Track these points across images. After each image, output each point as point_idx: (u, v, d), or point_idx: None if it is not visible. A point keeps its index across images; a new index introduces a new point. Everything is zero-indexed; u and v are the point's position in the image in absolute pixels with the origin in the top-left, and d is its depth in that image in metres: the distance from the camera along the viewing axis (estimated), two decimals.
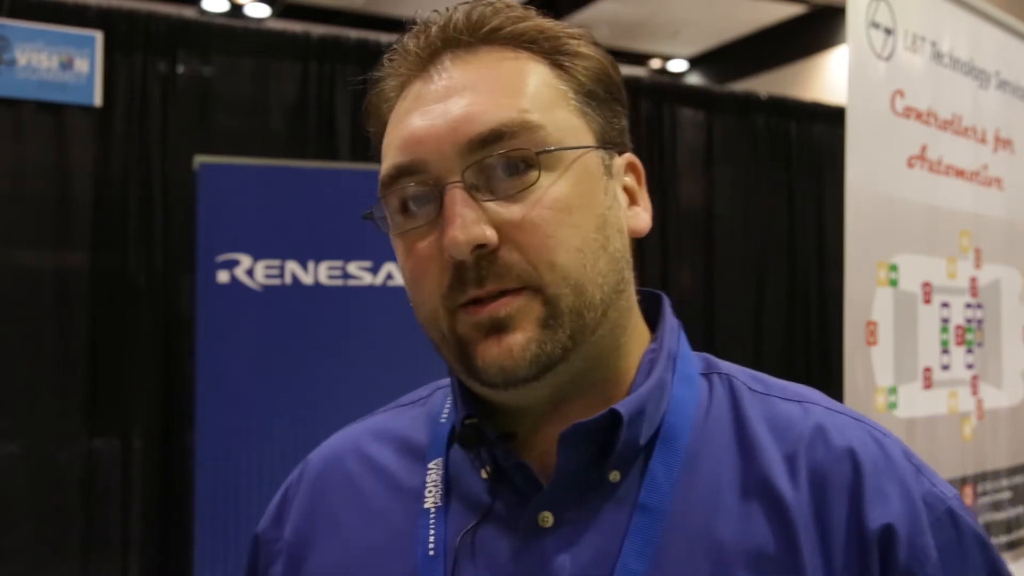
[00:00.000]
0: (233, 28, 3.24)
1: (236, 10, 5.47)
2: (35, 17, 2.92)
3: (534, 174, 0.76)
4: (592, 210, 0.78)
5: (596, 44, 0.84)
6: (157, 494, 3.10)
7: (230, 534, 2.66)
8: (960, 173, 2.89)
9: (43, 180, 3.02)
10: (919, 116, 2.70)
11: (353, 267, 2.74)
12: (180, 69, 3.12)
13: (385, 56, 0.83)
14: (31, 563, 3.04)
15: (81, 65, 2.93)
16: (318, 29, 3.23)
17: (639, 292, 0.85)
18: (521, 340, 0.75)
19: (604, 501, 0.78)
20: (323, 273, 2.72)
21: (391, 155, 0.80)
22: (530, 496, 0.78)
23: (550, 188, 0.76)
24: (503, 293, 0.75)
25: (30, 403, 3.05)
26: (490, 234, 0.75)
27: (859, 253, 2.48)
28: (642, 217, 0.83)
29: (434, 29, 0.82)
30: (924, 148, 2.71)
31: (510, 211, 0.76)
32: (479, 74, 0.80)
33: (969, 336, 2.97)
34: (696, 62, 7.51)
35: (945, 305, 2.87)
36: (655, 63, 7.20)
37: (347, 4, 4.55)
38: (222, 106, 3.16)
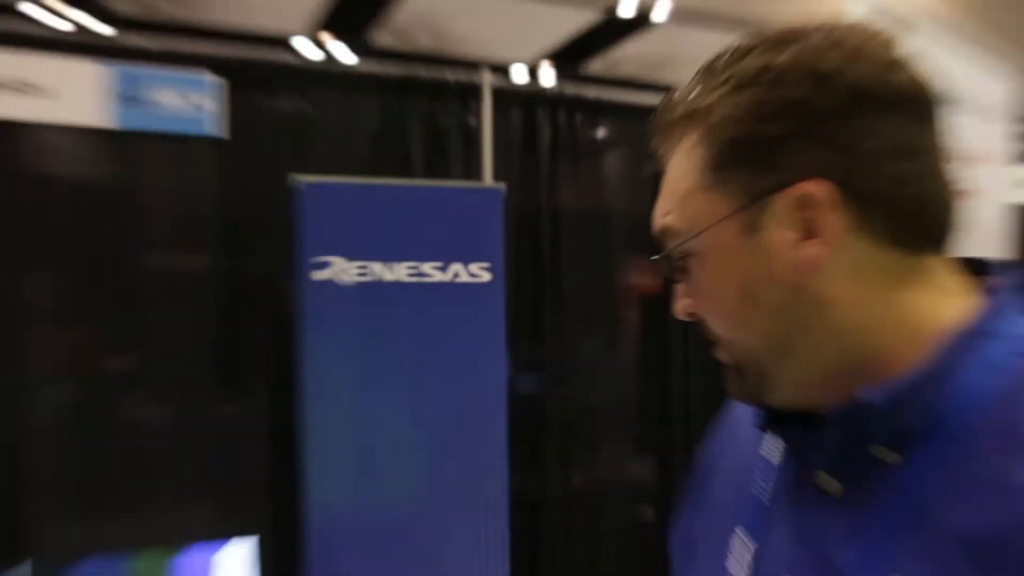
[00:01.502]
0: (326, 70, 3.24)
1: (328, 57, 5.49)
2: (167, 64, 2.91)
3: (682, 269, 0.75)
4: (729, 279, 0.73)
5: (740, 88, 0.70)
6: (275, 448, 3.09)
7: (333, 478, 2.67)
8: None
9: (176, 197, 3.05)
10: None
11: (426, 267, 2.74)
12: (283, 105, 3.14)
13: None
14: (184, 500, 3.07)
15: (206, 104, 2.87)
16: (395, 69, 3.23)
17: (976, 264, 0.75)
18: (729, 383, 0.78)
19: (876, 477, 0.70)
20: (402, 271, 2.73)
21: None
22: (811, 465, 0.76)
23: (695, 278, 0.75)
24: (716, 343, 0.78)
25: (177, 376, 3.08)
26: (689, 305, 0.77)
27: None
28: (809, 254, 0.69)
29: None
30: None
31: (690, 292, 0.77)
32: (666, 173, 0.78)
33: None
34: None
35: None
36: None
37: (417, 47, 4.56)
38: (317, 135, 3.17)
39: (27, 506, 2.84)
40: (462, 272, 2.71)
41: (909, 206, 0.69)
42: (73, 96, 2.70)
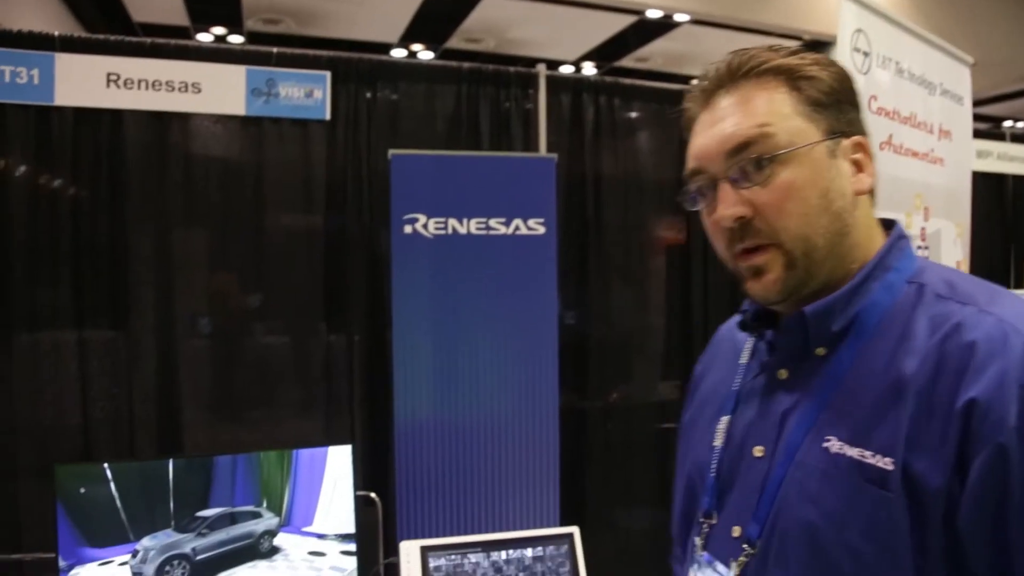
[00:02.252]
0: (411, 64, 3.34)
1: (412, 55, 5.54)
2: (290, 65, 3.01)
3: (771, 169, 0.80)
4: (815, 185, 0.81)
5: (827, 65, 0.85)
6: (370, 371, 3.14)
7: (416, 396, 2.71)
8: (915, 154, 2.79)
9: (294, 168, 3.09)
10: (887, 114, 2.62)
11: (493, 222, 2.74)
12: (378, 94, 3.16)
13: (687, 94, 0.91)
14: (293, 414, 3.13)
15: (318, 94, 3.01)
16: (465, 63, 3.24)
17: (882, 221, 0.89)
18: (772, 278, 0.82)
19: (812, 366, 0.83)
20: (473, 226, 2.74)
21: (689, 161, 0.88)
22: (773, 360, 0.87)
23: (783, 176, 0.80)
24: (758, 248, 0.82)
25: (292, 313, 3.15)
26: (742, 210, 0.81)
27: None
28: (864, 180, 0.84)
29: (712, 74, 0.87)
30: (891, 136, 2.64)
31: (759, 195, 0.81)
32: (736, 103, 0.84)
33: None
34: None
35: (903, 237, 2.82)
36: (695, 83, 7.00)
37: (484, 47, 4.56)
38: (405, 116, 3.19)
39: (185, 413, 2.95)
40: (522, 226, 2.74)
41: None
42: (218, 92, 2.89)
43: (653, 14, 4.71)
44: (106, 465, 1.76)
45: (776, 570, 0.79)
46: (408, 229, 2.69)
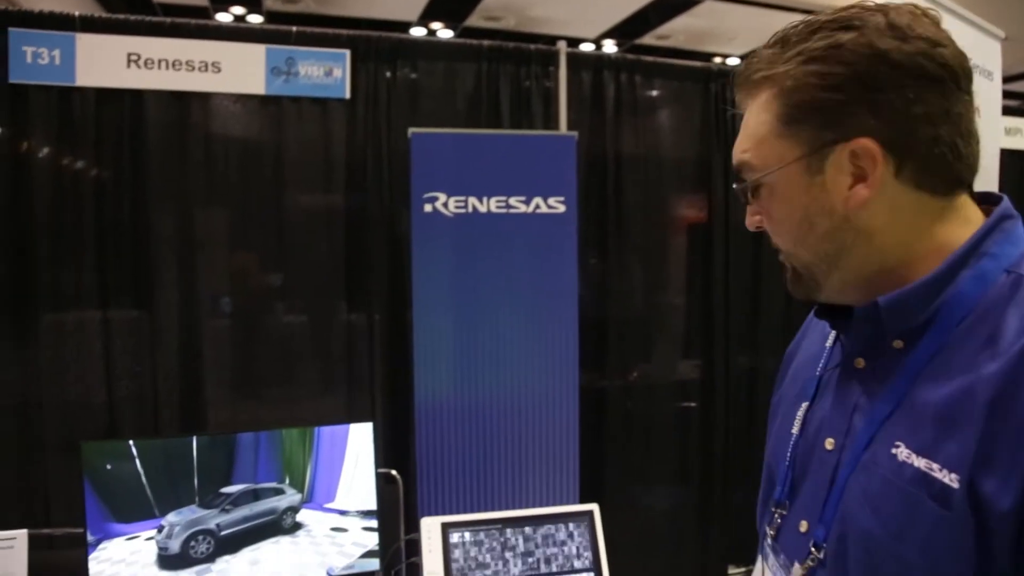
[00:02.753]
0: (431, 42, 3.30)
1: (431, 33, 5.52)
2: (309, 44, 3.00)
3: (759, 193, 0.80)
4: (793, 208, 0.78)
5: (829, 60, 0.73)
6: (390, 350, 3.15)
7: (439, 372, 2.72)
8: None
9: (314, 147, 3.09)
10: None
11: (513, 200, 2.73)
12: (398, 72, 3.15)
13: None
14: (315, 392, 3.15)
15: (337, 72, 3.01)
16: (485, 41, 3.22)
17: (985, 196, 0.81)
18: (789, 283, 0.84)
19: (889, 359, 0.77)
20: (493, 204, 2.73)
21: None
22: (850, 348, 0.83)
23: (767, 200, 0.80)
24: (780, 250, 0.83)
25: (313, 292, 3.15)
26: (757, 220, 0.83)
27: None
28: (859, 194, 0.74)
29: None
30: None
31: (761, 211, 0.82)
32: (744, 119, 0.82)
33: None
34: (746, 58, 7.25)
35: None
36: (717, 60, 6.93)
37: (504, 25, 4.55)
38: (425, 95, 3.17)
39: (207, 391, 2.98)
40: (542, 204, 2.73)
41: (939, 160, 0.73)
42: (238, 71, 2.89)
43: None
44: (131, 442, 1.78)
45: (836, 574, 0.75)
46: (428, 208, 2.68)
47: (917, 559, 0.68)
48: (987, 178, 2.95)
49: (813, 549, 0.78)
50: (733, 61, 7.26)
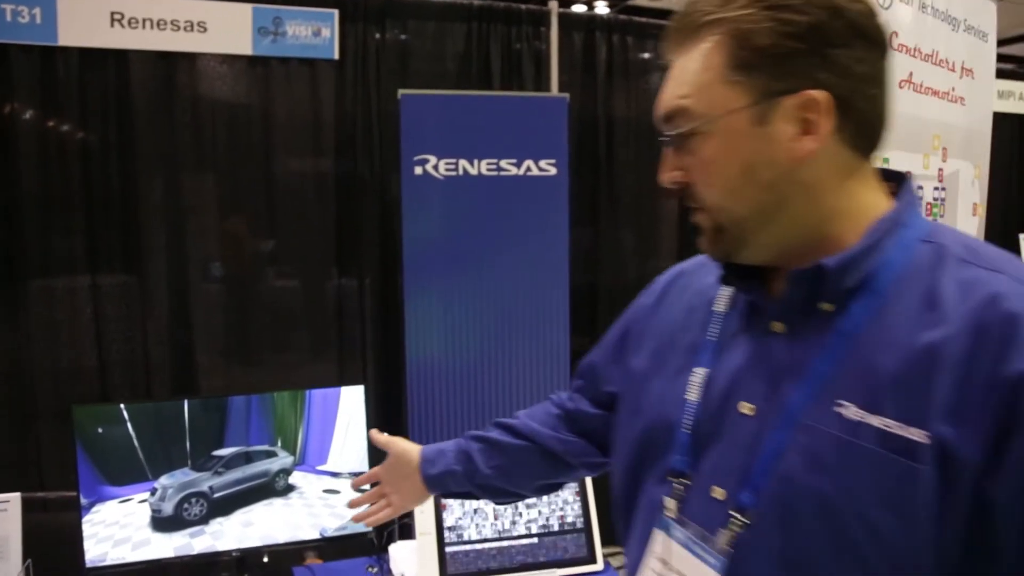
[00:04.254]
0: (420, 2, 3.17)
1: None
2: (296, 3, 2.94)
3: (693, 141, 0.76)
4: (735, 158, 0.75)
5: (788, 8, 0.72)
6: (381, 314, 3.16)
7: (430, 336, 2.72)
8: (935, 93, 2.72)
9: (302, 109, 3.06)
10: (908, 51, 2.54)
11: (504, 163, 2.72)
12: (387, 33, 3.11)
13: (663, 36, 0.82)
14: (307, 357, 3.17)
15: (325, 32, 2.96)
16: (476, 1, 3.18)
17: (884, 173, 0.81)
18: (705, 239, 0.80)
19: (816, 322, 0.76)
20: (484, 167, 2.71)
21: None
22: (766, 312, 0.80)
23: (701, 149, 0.76)
24: (697, 208, 0.79)
25: (303, 256, 3.15)
26: (677, 175, 0.79)
27: None
28: (805, 145, 0.73)
29: (673, 22, 0.79)
30: (911, 74, 2.56)
31: (689, 163, 0.77)
32: (677, 66, 0.78)
33: (935, 210, 2.85)
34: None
35: (920, 187, 2.76)
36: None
37: None
38: (415, 56, 3.14)
39: (198, 356, 2.98)
40: (533, 167, 2.71)
41: (872, 122, 0.76)
42: (223, 31, 2.84)
43: None
44: (122, 406, 1.78)
45: (777, 539, 0.73)
46: (418, 170, 2.66)
47: (878, 514, 0.69)
48: (980, 140, 2.95)
49: (737, 514, 0.76)
50: None
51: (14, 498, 1.69)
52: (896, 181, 0.82)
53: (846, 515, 0.70)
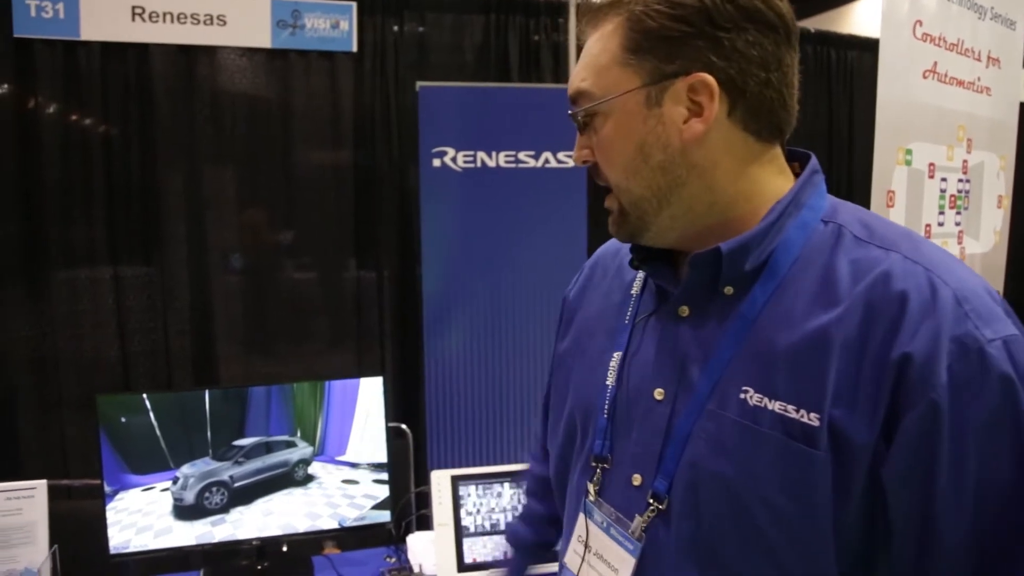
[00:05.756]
0: None
1: None
2: None
3: (595, 122, 0.78)
4: (630, 138, 0.77)
5: None
6: (399, 305, 3.18)
7: (447, 327, 2.74)
8: (960, 83, 2.68)
9: (321, 102, 3.07)
10: (932, 40, 2.51)
11: (522, 155, 2.72)
12: (405, 25, 3.11)
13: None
14: (326, 347, 3.19)
15: (344, 25, 2.97)
16: None
17: (791, 153, 0.82)
18: (611, 220, 0.82)
19: (719, 306, 0.77)
20: (502, 159, 2.72)
21: None
22: (672, 297, 0.81)
23: (601, 130, 0.78)
24: (608, 189, 0.81)
25: (322, 248, 3.17)
26: (585, 155, 0.81)
27: (885, 141, 2.37)
28: (694, 127, 0.74)
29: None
30: (935, 64, 2.53)
31: (595, 143, 0.79)
32: (585, 49, 0.80)
33: (959, 202, 2.82)
34: None
35: (944, 179, 2.73)
36: None
37: None
38: (433, 48, 3.14)
39: (219, 346, 3.01)
40: (551, 159, 2.71)
41: (767, 105, 0.76)
42: (242, 24, 2.86)
43: None
44: (145, 395, 1.80)
45: (687, 524, 0.74)
46: (437, 163, 2.66)
47: (779, 498, 0.69)
48: (1006, 131, 2.91)
49: (652, 501, 0.77)
50: None
51: (40, 485, 1.72)
52: (804, 162, 0.82)
53: (749, 500, 0.71)
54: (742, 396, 0.73)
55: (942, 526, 0.66)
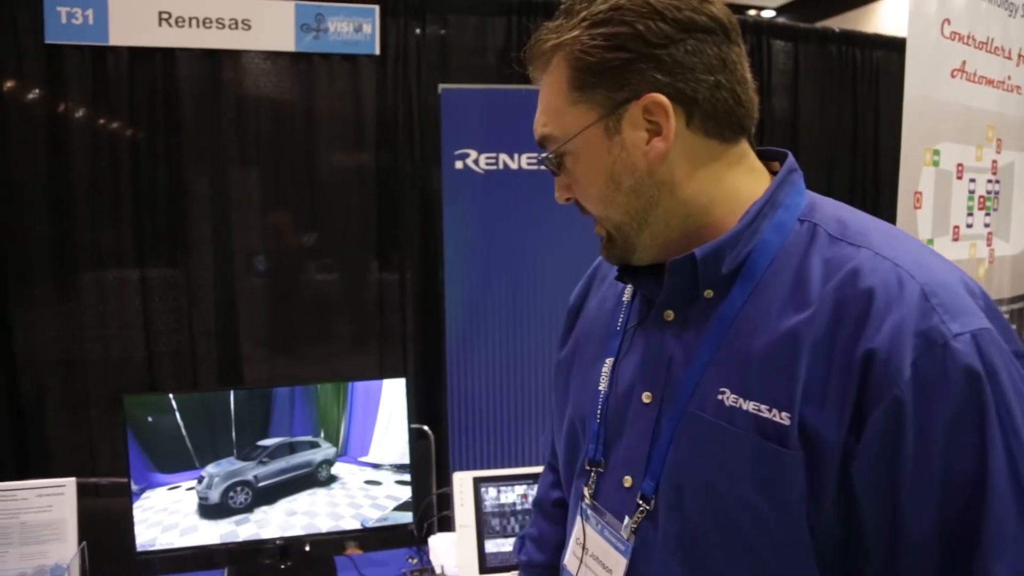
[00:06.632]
0: None
1: None
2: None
3: (565, 162, 0.81)
4: (598, 170, 0.78)
5: (608, 21, 0.75)
6: (422, 307, 3.18)
7: (470, 329, 2.75)
8: (989, 82, 2.65)
9: (344, 105, 3.09)
10: (961, 38, 2.47)
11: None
12: (427, 28, 3.12)
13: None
14: (348, 348, 3.21)
15: (367, 28, 2.99)
16: None
17: (766, 152, 0.83)
18: (603, 249, 0.84)
19: (700, 309, 0.78)
20: (524, 161, 2.72)
21: None
22: (658, 306, 0.83)
23: (573, 168, 0.81)
24: (596, 220, 0.83)
25: (345, 250, 3.18)
26: (567, 194, 0.84)
27: (912, 141, 2.34)
28: (656, 147, 0.76)
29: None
30: (964, 63, 2.50)
31: (567, 182, 0.83)
32: (540, 93, 0.82)
33: (988, 204, 2.78)
34: (780, 10, 7.08)
35: (972, 180, 2.69)
36: (752, 12, 6.75)
37: None
38: (455, 50, 3.15)
39: (243, 347, 3.03)
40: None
41: (722, 106, 0.76)
42: (266, 28, 2.89)
43: None
44: (171, 396, 1.82)
45: (672, 525, 0.76)
46: (459, 165, 2.67)
47: (760, 499, 0.70)
48: (1019, 116, 2.85)
49: (641, 502, 0.79)
50: (768, 14, 7.08)
51: (70, 483, 1.74)
52: (783, 161, 0.82)
53: (729, 500, 0.72)
54: (719, 397, 0.74)
55: (908, 521, 0.66)
